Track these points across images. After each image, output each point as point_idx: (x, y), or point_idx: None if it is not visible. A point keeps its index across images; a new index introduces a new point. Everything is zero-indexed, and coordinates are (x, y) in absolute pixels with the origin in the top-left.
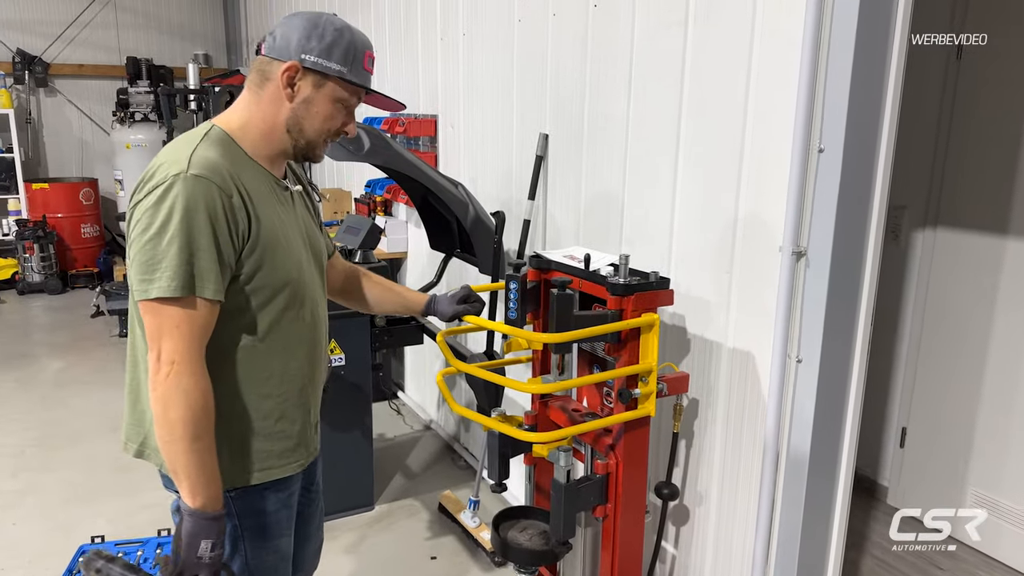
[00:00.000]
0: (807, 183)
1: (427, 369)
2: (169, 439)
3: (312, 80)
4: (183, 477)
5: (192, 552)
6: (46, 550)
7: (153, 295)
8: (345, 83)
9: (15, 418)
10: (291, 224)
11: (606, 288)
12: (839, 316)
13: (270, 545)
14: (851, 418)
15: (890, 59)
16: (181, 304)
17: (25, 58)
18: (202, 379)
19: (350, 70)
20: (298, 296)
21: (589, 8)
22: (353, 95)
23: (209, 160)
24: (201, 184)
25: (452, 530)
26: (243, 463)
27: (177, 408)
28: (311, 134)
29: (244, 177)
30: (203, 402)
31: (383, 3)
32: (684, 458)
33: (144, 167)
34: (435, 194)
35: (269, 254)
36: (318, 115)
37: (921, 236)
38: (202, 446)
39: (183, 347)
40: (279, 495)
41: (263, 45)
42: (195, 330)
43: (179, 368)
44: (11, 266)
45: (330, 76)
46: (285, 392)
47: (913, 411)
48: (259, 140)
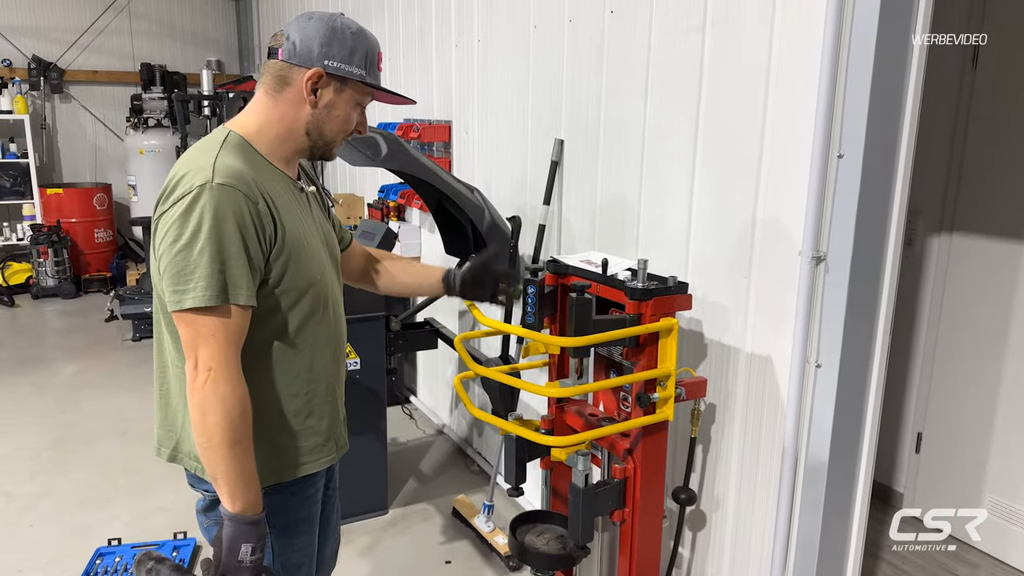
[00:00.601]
0: (827, 188)
1: (440, 374)
2: (208, 445)
3: (334, 85)
4: (223, 483)
5: (233, 556)
6: (63, 552)
7: (187, 305)
8: (364, 85)
9: (31, 421)
10: (310, 226)
11: (625, 293)
12: (858, 320)
13: (296, 543)
14: (870, 423)
15: (910, 64)
16: (215, 313)
17: (40, 64)
18: (239, 385)
19: (368, 73)
20: (322, 296)
21: (605, 14)
22: (368, 96)
23: (233, 168)
24: (228, 192)
25: (466, 534)
26: (276, 461)
27: (215, 414)
28: (330, 136)
29: (266, 183)
30: (240, 408)
31: (398, 9)
32: (701, 463)
33: (157, 172)
34: (451, 199)
35: (294, 258)
36: (338, 118)
37: (936, 242)
38: (240, 451)
39: (219, 354)
40: (306, 492)
41: (280, 50)
42: (230, 337)
43: (216, 375)
44: (25, 270)
45: (350, 80)
46: (313, 390)
47: (929, 417)
48: (275, 143)
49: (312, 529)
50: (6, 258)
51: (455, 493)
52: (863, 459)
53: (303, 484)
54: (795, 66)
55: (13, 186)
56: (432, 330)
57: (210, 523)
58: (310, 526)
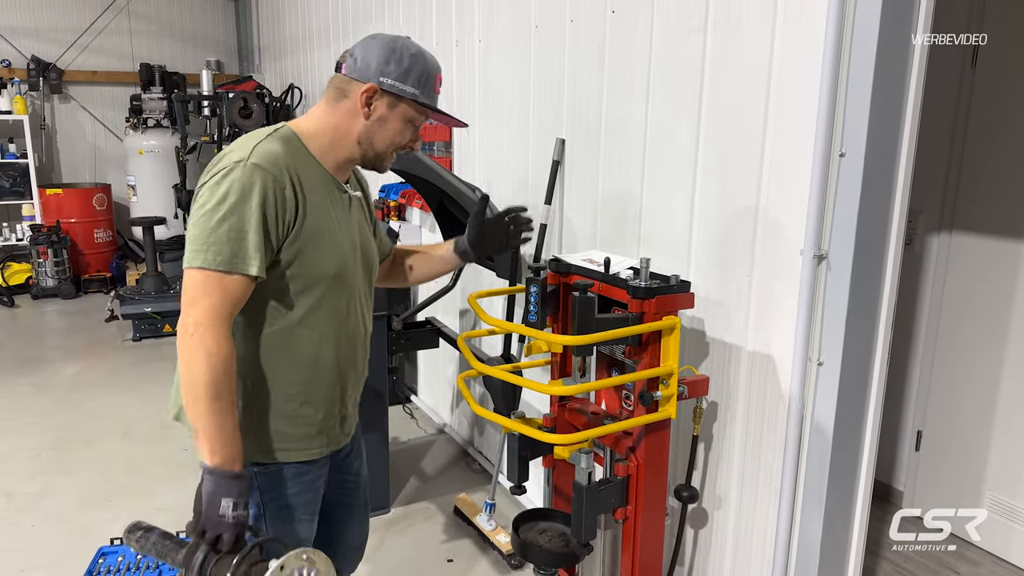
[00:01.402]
0: (828, 187)
1: (440, 373)
2: (191, 398)
3: (387, 100)
4: (203, 436)
5: (213, 510)
6: (65, 552)
7: (197, 264)
8: (417, 104)
9: (31, 421)
10: (342, 225)
11: (627, 291)
12: (860, 319)
13: (289, 528)
14: (871, 421)
15: (911, 63)
16: (219, 277)
17: (40, 65)
18: (225, 343)
19: (422, 92)
20: (336, 292)
21: (607, 14)
22: (422, 115)
23: (270, 152)
24: (258, 172)
25: (468, 533)
26: (265, 441)
27: (199, 367)
28: (380, 147)
29: (302, 173)
30: (224, 365)
31: (399, 10)
32: (703, 461)
33: (157, 172)
34: (452, 198)
35: (311, 246)
36: (390, 131)
37: (936, 240)
38: (222, 406)
39: (212, 313)
40: (303, 478)
41: (343, 65)
42: (226, 301)
43: (204, 330)
44: (25, 271)
45: (404, 98)
46: (312, 379)
47: (929, 415)
48: (327, 146)
49: (310, 517)
50: (6, 258)
51: (456, 492)
52: (864, 457)
53: (298, 469)
54: (796, 66)
55: (12, 186)
56: (433, 329)
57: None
58: (307, 513)
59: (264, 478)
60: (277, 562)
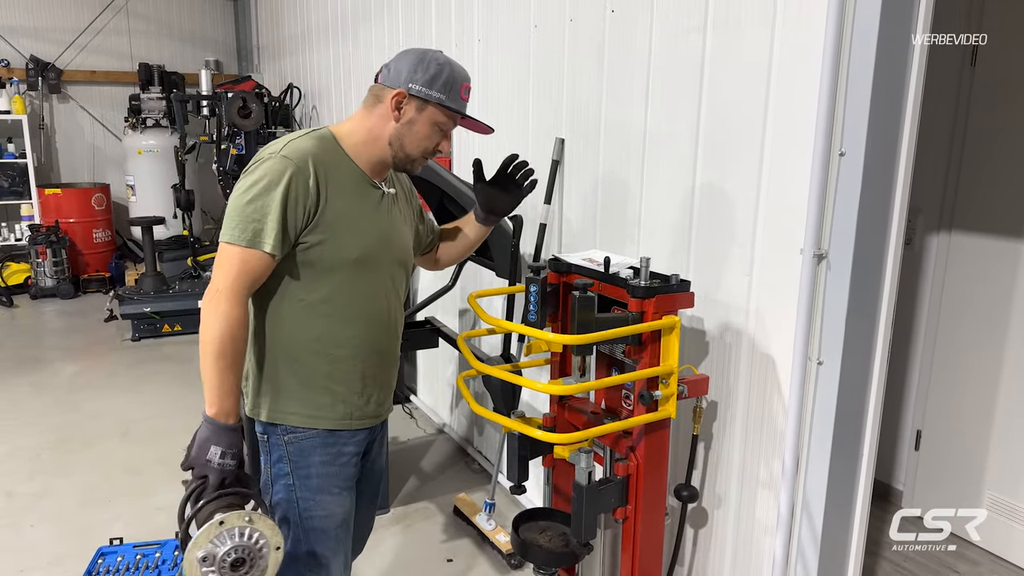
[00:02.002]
0: (828, 186)
1: (440, 373)
2: (202, 353)
3: (416, 105)
4: (206, 388)
5: (202, 453)
6: (65, 552)
7: (225, 239)
8: (443, 109)
9: (31, 421)
10: (370, 217)
11: (627, 291)
12: (860, 318)
13: (318, 499)
14: (871, 421)
15: (911, 62)
16: (240, 251)
17: (38, 65)
18: (237, 309)
19: (448, 98)
20: (358, 277)
21: (606, 14)
22: (450, 119)
23: (300, 148)
24: (284, 163)
25: (467, 533)
26: (293, 405)
27: (212, 328)
28: (410, 150)
29: (331, 167)
30: (232, 330)
31: (397, 10)
32: (703, 460)
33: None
34: (452, 198)
35: (332, 233)
36: (418, 134)
37: (936, 240)
38: (224, 364)
39: (230, 281)
40: (329, 449)
41: (379, 75)
42: (245, 273)
43: (221, 296)
44: (24, 271)
45: (431, 102)
46: (335, 355)
47: (928, 414)
48: (360, 146)
49: (339, 491)
50: (4, 258)
51: (456, 492)
52: (864, 456)
53: (324, 439)
54: (796, 65)
55: (11, 186)
56: (433, 329)
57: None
58: (336, 486)
59: (292, 447)
60: (219, 516)
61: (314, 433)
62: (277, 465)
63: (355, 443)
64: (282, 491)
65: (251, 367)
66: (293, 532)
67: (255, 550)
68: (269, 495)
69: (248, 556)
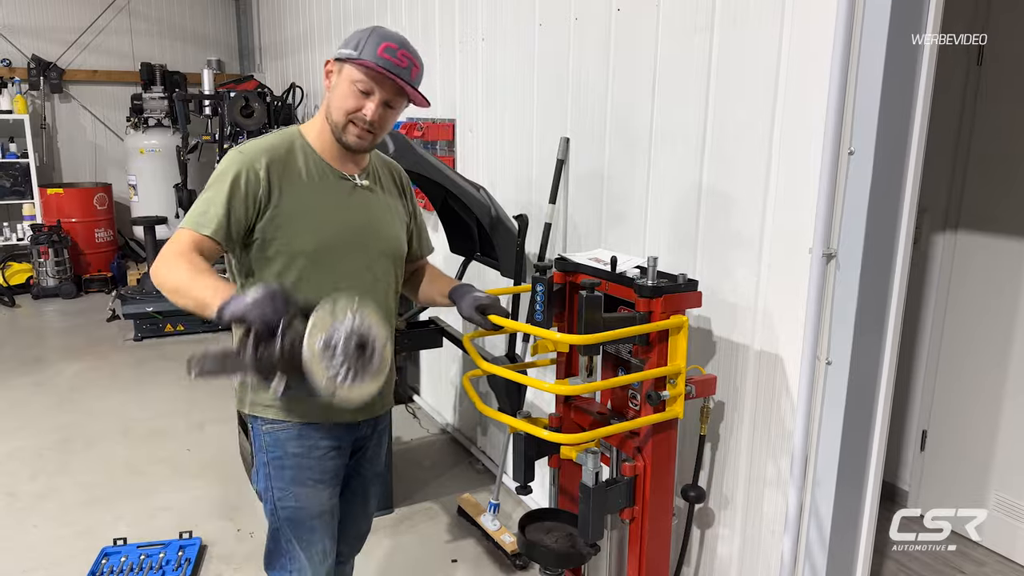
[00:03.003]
0: (837, 185)
1: (443, 373)
2: (173, 298)
3: (338, 68)
4: (194, 305)
5: (242, 310)
6: (67, 553)
7: (180, 225)
8: (354, 63)
9: (33, 421)
10: (333, 209)
11: (634, 290)
12: (869, 318)
13: (291, 491)
14: (880, 421)
15: (921, 60)
16: (188, 232)
17: (40, 64)
18: (170, 272)
19: (360, 53)
20: (319, 269)
21: (612, 12)
22: (367, 78)
23: (256, 144)
24: (237, 157)
25: (472, 533)
26: (263, 395)
27: (160, 277)
28: (336, 115)
29: (288, 161)
30: (175, 276)
31: (400, 10)
32: (710, 460)
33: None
34: (456, 197)
35: (288, 224)
36: (338, 95)
37: (942, 239)
38: (183, 293)
39: (170, 250)
40: (302, 441)
41: None
42: (185, 248)
43: (163, 255)
44: (26, 271)
45: (345, 61)
46: None
47: (934, 414)
48: (318, 136)
49: (313, 483)
50: (6, 258)
51: (460, 492)
52: (873, 457)
53: (300, 431)
54: (805, 63)
55: (13, 186)
56: (437, 329)
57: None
58: (311, 479)
59: (269, 437)
60: (325, 305)
61: (289, 425)
62: (258, 454)
63: (332, 437)
64: (262, 479)
65: None
66: (271, 520)
67: (370, 334)
68: (255, 480)
69: (368, 340)
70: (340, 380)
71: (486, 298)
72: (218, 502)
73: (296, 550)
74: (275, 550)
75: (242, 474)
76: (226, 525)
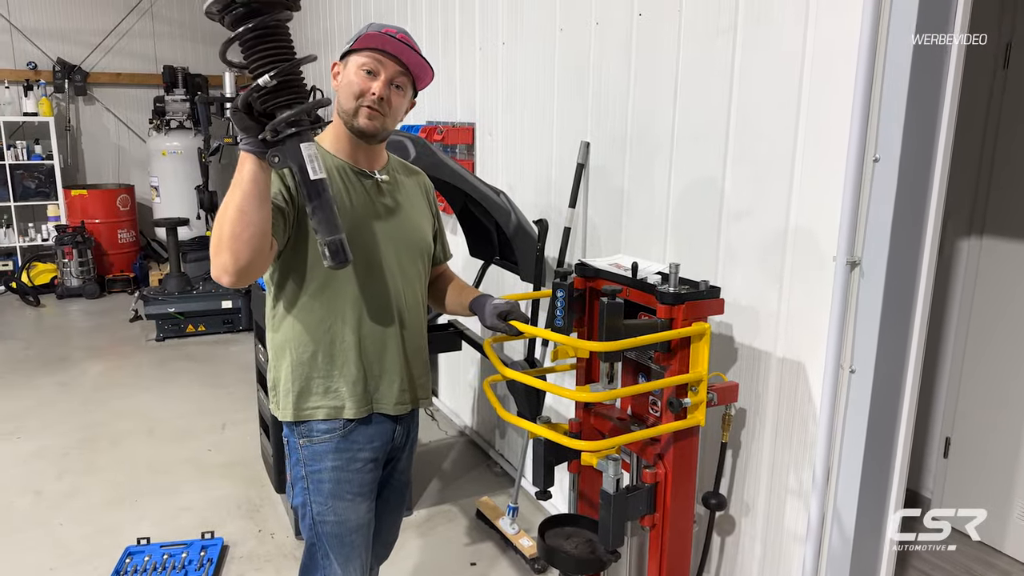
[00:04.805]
0: (862, 192)
1: (461, 375)
2: (234, 219)
3: (342, 65)
4: (242, 194)
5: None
6: (92, 551)
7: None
8: (355, 52)
9: (58, 420)
10: (361, 206)
11: (656, 297)
12: (893, 326)
13: (330, 505)
14: (904, 429)
15: (947, 65)
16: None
17: (65, 67)
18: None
19: (361, 41)
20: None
21: (634, 17)
22: (370, 58)
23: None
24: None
25: (490, 536)
26: (307, 398)
27: (221, 224)
28: (346, 104)
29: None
30: (221, 215)
31: (421, 12)
32: (731, 468)
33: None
34: (476, 201)
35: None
36: (346, 86)
37: (967, 244)
38: (234, 203)
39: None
40: (341, 454)
41: None
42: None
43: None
44: (50, 271)
45: (348, 54)
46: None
47: (957, 421)
48: (334, 139)
49: (352, 497)
50: (32, 258)
51: (478, 495)
52: (896, 466)
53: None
54: (830, 68)
55: (38, 187)
56: (456, 332)
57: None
58: (350, 492)
59: (307, 451)
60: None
61: (328, 437)
62: (295, 468)
63: (371, 449)
64: (299, 495)
65: (277, 372)
66: (308, 535)
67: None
68: (291, 495)
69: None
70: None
71: (506, 304)
72: (240, 502)
73: (333, 565)
74: (311, 565)
75: (264, 475)
76: (247, 525)
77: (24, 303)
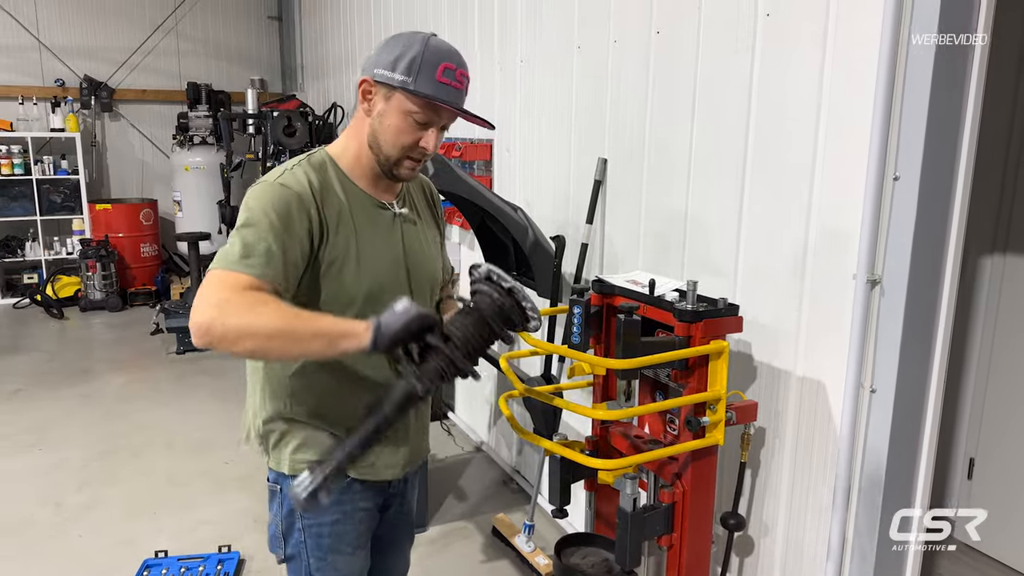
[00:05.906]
0: (882, 211)
1: (478, 391)
2: (272, 344)
3: (383, 93)
4: (322, 344)
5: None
6: (111, 563)
7: (213, 267)
8: (410, 95)
9: (80, 432)
10: (381, 244)
11: (673, 314)
12: (915, 345)
13: (329, 560)
14: (926, 450)
15: (969, 83)
16: (228, 274)
17: (92, 84)
18: (248, 298)
19: (415, 81)
20: (368, 310)
21: (651, 35)
22: (424, 109)
23: (296, 175)
24: (277, 191)
25: (506, 554)
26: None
27: (247, 328)
28: (387, 149)
29: (329, 195)
30: (266, 319)
31: (442, 30)
32: (749, 487)
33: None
34: (494, 217)
35: (337, 269)
36: (390, 128)
37: (989, 261)
38: (286, 337)
39: (226, 293)
40: (341, 507)
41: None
42: (244, 284)
43: (223, 306)
44: (75, 284)
45: (395, 87)
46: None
47: (981, 441)
48: (353, 161)
49: (351, 550)
50: (56, 271)
51: (494, 512)
52: (919, 487)
53: (340, 496)
54: (849, 85)
55: (64, 201)
56: None
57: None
58: (348, 545)
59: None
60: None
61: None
62: (287, 519)
63: (368, 498)
64: (293, 548)
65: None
66: None
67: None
68: (281, 548)
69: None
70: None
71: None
72: (257, 516)
73: None
74: None
75: None
76: (264, 540)
77: (48, 315)
